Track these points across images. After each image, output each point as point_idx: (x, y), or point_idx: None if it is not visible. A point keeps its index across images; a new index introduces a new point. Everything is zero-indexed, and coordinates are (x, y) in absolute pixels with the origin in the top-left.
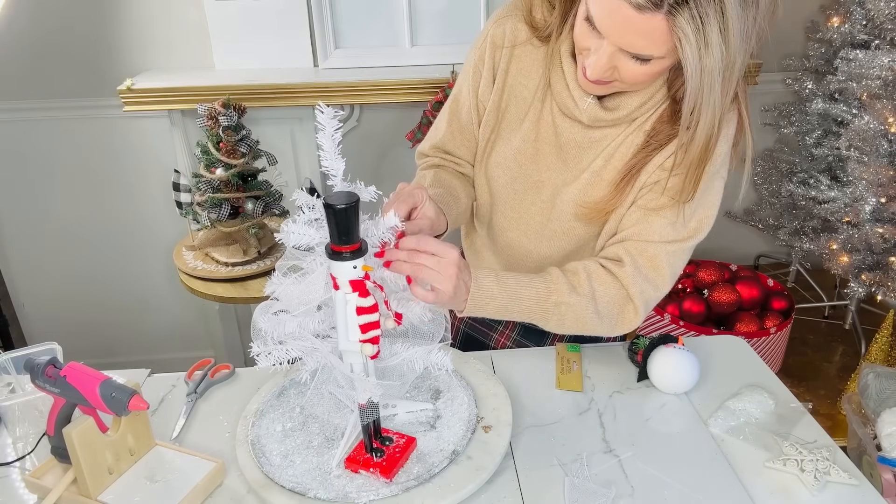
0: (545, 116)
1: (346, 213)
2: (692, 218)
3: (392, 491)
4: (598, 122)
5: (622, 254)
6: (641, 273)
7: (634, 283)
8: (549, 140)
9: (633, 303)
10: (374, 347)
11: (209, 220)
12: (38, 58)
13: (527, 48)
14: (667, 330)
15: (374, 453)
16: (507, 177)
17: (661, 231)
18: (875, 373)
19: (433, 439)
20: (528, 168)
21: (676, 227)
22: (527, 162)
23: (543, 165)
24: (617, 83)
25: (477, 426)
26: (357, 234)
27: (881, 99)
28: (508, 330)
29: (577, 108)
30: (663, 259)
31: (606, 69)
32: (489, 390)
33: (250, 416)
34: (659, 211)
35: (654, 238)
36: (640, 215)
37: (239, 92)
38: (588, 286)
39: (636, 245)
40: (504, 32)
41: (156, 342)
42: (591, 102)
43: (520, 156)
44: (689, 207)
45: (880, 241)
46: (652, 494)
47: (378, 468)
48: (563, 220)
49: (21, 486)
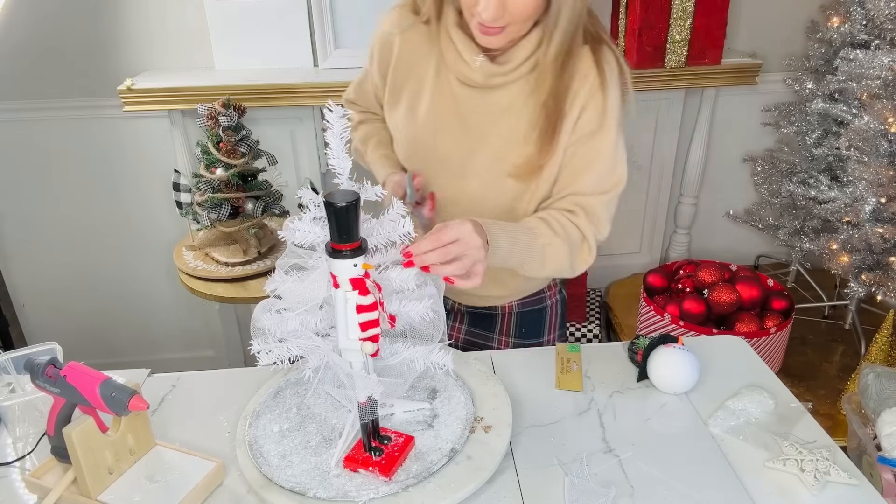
0: (443, 89)
1: (346, 211)
2: (615, 170)
3: (392, 489)
4: (493, 79)
5: (569, 206)
6: (590, 220)
7: (587, 227)
8: (450, 111)
9: (588, 243)
10: (374, 345)
11: (209, 220)
12: (38, 58)
13: (414, 33)
14: (667, 330)
15: (373, 452)
16: (417, 154)
17: (592, 185)
18: (875, 373)
19: (431, 438)
20: (435, 141)
21: (603, 179)
22: (432, 136)
23: (450, 138)
24: (510, 28)
25: (476, 426)
26: (357, 233)
27: (881, 99)
28: (458, 322)
29: (471, 69)
30: (601, 207)
31: (499, 8)
32: (489, 390)
33: (248, 417)
34: (587, 167)
35: (589, 191)
36: (572, 175)
37: (239, 92)
38: (562, 229)
39: (576, 199)
40: (391, 22)
41: (156, 342)
42: (483, 60)
43: (425, 130)
44: (609, 159)
45: (880, 241)
46: (652, 494)
47: (377, 467)
48: (482, 184)
49: (21, 486)
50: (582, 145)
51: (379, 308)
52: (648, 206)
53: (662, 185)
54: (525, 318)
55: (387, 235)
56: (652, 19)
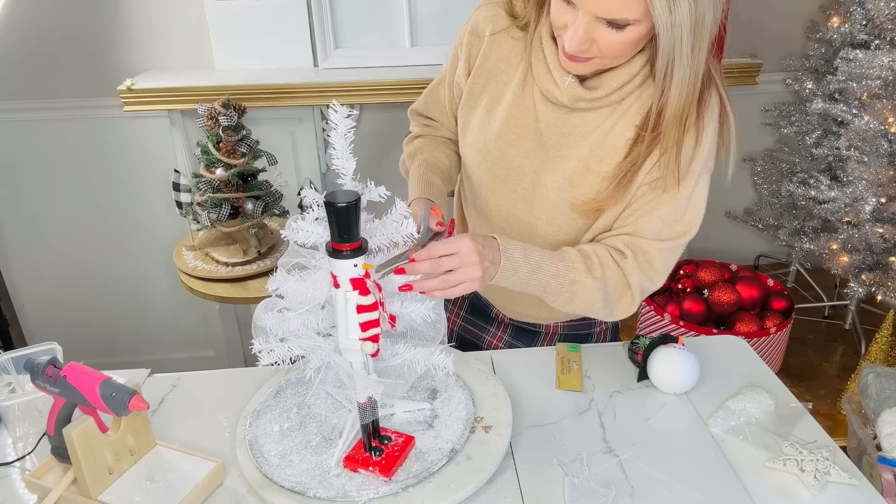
0: (526, 102)
1: (346, 211)
2: (683, 218)
3: (392, 489)
4: (578, 103)
5: (622, 246)
6: (640, 266)
7: (634, 274)
8: (529, 126)
9: (632, 291)
10: (374, 346)
11: (209, 220)
12: (38, 58)
13: (506, 35)
14: (667, 330)
15: (374, 452)
16: (487, 162)
17: (654, 230)
18: (875, 373)
19: (431, 438)
20: (508, 153)
21: (668, 226)
22: (506, 147)
23: (523, 151)
24: (597, 59)
25: (477, 426)
26: (357, 233)
27: (881, 99)
28: (500, 332)
29: (558, 89)
30: (657, 256)
31: (584, 41)
32: (489, 390)
33: (248, 417)
34: (653, 211)
35: (648, 236)
36: (635, 215)
37: (239, 92)
38: (600, 270)
39: (632, 240)
40: (485, 19)
41: (156, 342)
42: (572, 81)
43: (499, 140)
44: (681, 207)
45: (880, 241)
46: (652, 494)
47: (377, 467)
48: (546, 207)
49: (21, 486)
50: (653, 190)
51: (379, 308)
52: None
53: None
54: (569, 340)
55: (389, 236)
56: None
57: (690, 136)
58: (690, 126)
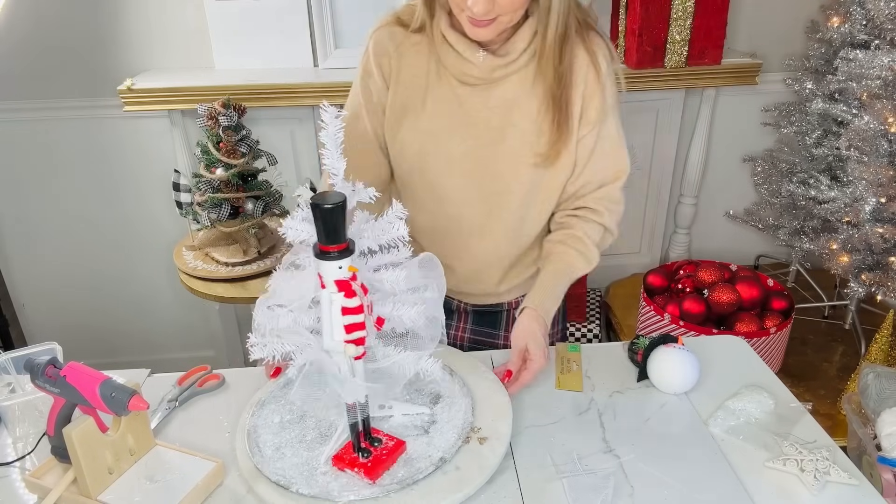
0: (446, 93)
1: (332, 212)
2: (624, 156)
3: (373, 493)
4: (496, 72)
5: (593, 205)
6: (610, 210)
7: (610, 220)
8: (455, 113)
9: (609, 230)
10: (359, 349)
11: (209, 220)
12: (38, 58)
13: (408, 45)
14: (667, 330)
15: (361, 453)
16: (425, 159)
17: (608, 172)
18: (875, 373)
19: (424, 444)
20: (446, 145)
21: (616, 165)
22: (443, 141)
23: (459, 138)
24: (500, 17)
25: (472, 436)
26: (344, 234)
27: (881, 99)
28: (462, 322)
29: (475, 66)
30: (618, 195)
31: (487, 2)
32: (494, 401)
33: (253, 406)
34: (601, 157)
35: (607, 180)
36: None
37: (239, 92)
38: (592, 248)
39: (598, 193)
40: (384, 39)
41: (156, 342)
42: (485, 54)
43: (433, 137)
44: (617, 145)
45: (880, 241)
46: (652, 494)
47: (363, 469)
48: (501, 178)
49: (21, 486)
50: (593, 134)
51: (365, 311)
52: (648, 206)
53: (662, 186)
54: None
55: (378, 237)
56: (652, 19)
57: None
58: (581, 65)
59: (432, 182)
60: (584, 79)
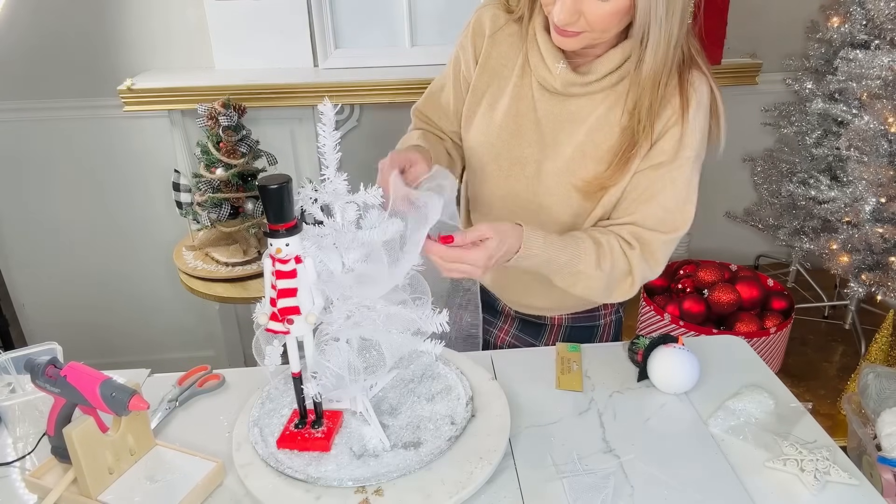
0: (525, 92)
1: (278, 193)
2: (684, 207)
3: (371, 490)
4: (571, 88)
5: (628, 237)
6: (643, 257)
7: (638, 264)
8: (528, 116)
9: (633, 278)
10: (281, 325)
11: (209, 220)
12: (38, 58)
13: (504, 33)
14: (667, 330)
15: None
16: (491, 154)
17: (655, 218)
18: (875, 373)
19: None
20: (510, 143)
21: (669, 215)
22: (509, 138)
23: (525, 141)
24: (586, 34)
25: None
26: (290, 214)
27: (881, 99)
28: (507, 325)
29: (552, 75)
30: (659, 248)
31: (573, 12)
32: (492, 399)
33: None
34: (653, 198)
35: (650, 226)
36: (636, 203)
37: (239, 92)
38: (609, 263)
39: (637, 231)
40: (485, 20)
41: (156, 342)
42: (563, 67)
43: (502, 132)
44: (680, 194)
45: (880, 241)
46: (652, 494)
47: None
48: (549, 193)
49: (21, 486)
50: (651, 173)
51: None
52: None
53: None
54: (574, 334)
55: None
56: None
57: (674, 117)
58: (670, 98)
59: (489, 175)
60: (664, 118)
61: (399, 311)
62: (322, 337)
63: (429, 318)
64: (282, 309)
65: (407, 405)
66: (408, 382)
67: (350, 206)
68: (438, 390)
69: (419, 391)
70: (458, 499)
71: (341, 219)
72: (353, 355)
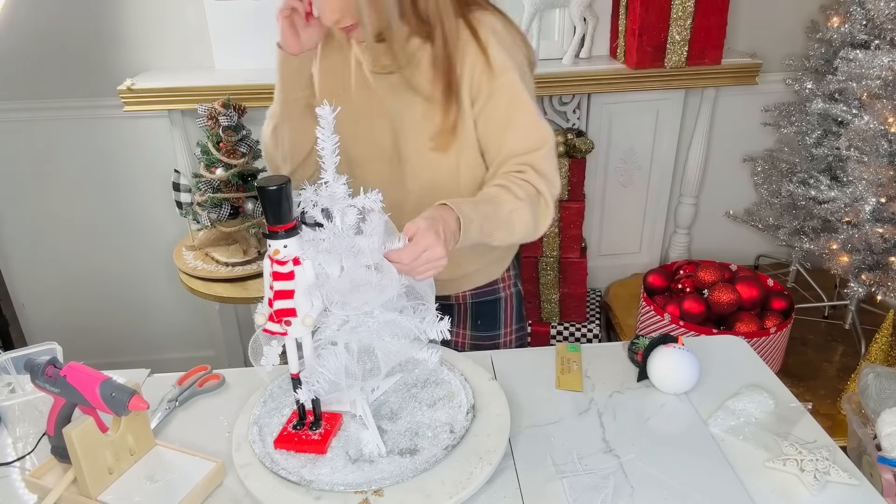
0: (363, 79)
1: (277, 193)
2: (537, 123)
3: (373, 490)
4: (384, 61)
5: (517, 167)
6: (539, 175)
7: (539, 182)
8: (370, 98)
9: (544, 197)
10: (278, 327)
11: (209, 220)
12: (37, 58)
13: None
14: (667, 330)
15: (312, 427)
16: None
17: (522, 143)
18: (875, 373)
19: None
20: (363, 130)
21: (531, 136)
22: (357, 127)
23: (377, 125)
24: (346, 17)
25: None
26: (289, 215)
27: (881, 99)
28: (462, 329)
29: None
30: (541, 164)
31: (332, 13)
32: (491, 399)
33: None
34: (508, 126)
35: (523, 149)
36: (499, 140)
37: (239, 92)
38: (522, 191)
39: (518, 160)
40: None
41: (156, 342)
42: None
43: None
44: (526, 111)
45: (880, 241)
46: (652, 494)
47: (314, 445)
48: (411, 170)
49: (21, 486)
50: (491, 110)
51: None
52: (648, 206)
53: (662, 186)
54: (480, 310)
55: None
56: (652, 19)
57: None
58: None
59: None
60: (465, 56)
61: (397, 318)
62: (319, 341)
63: (429, 325)
64: (278, 311)
65: (407, 410)
66: (410, 387)
67: (350, 209)
68: (440, 396)
69: (421, 396)
70: (458, 499)
71: (340, 222)
72: (352, 360)
